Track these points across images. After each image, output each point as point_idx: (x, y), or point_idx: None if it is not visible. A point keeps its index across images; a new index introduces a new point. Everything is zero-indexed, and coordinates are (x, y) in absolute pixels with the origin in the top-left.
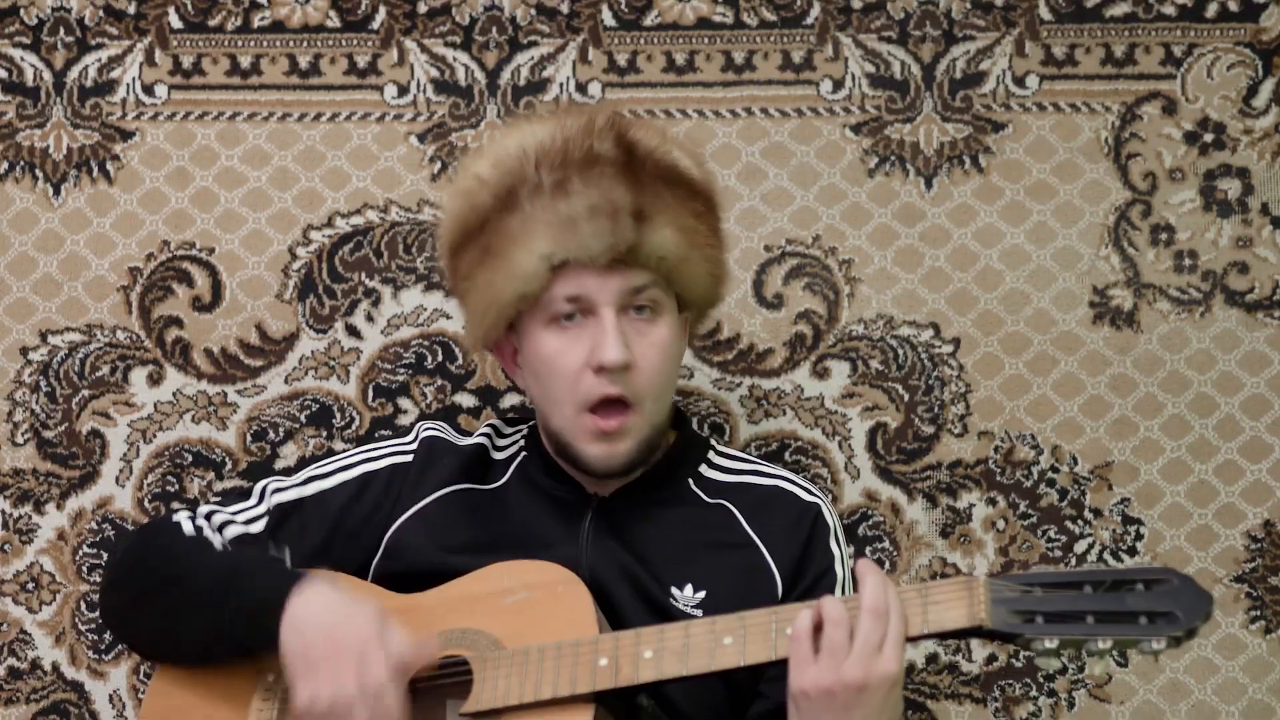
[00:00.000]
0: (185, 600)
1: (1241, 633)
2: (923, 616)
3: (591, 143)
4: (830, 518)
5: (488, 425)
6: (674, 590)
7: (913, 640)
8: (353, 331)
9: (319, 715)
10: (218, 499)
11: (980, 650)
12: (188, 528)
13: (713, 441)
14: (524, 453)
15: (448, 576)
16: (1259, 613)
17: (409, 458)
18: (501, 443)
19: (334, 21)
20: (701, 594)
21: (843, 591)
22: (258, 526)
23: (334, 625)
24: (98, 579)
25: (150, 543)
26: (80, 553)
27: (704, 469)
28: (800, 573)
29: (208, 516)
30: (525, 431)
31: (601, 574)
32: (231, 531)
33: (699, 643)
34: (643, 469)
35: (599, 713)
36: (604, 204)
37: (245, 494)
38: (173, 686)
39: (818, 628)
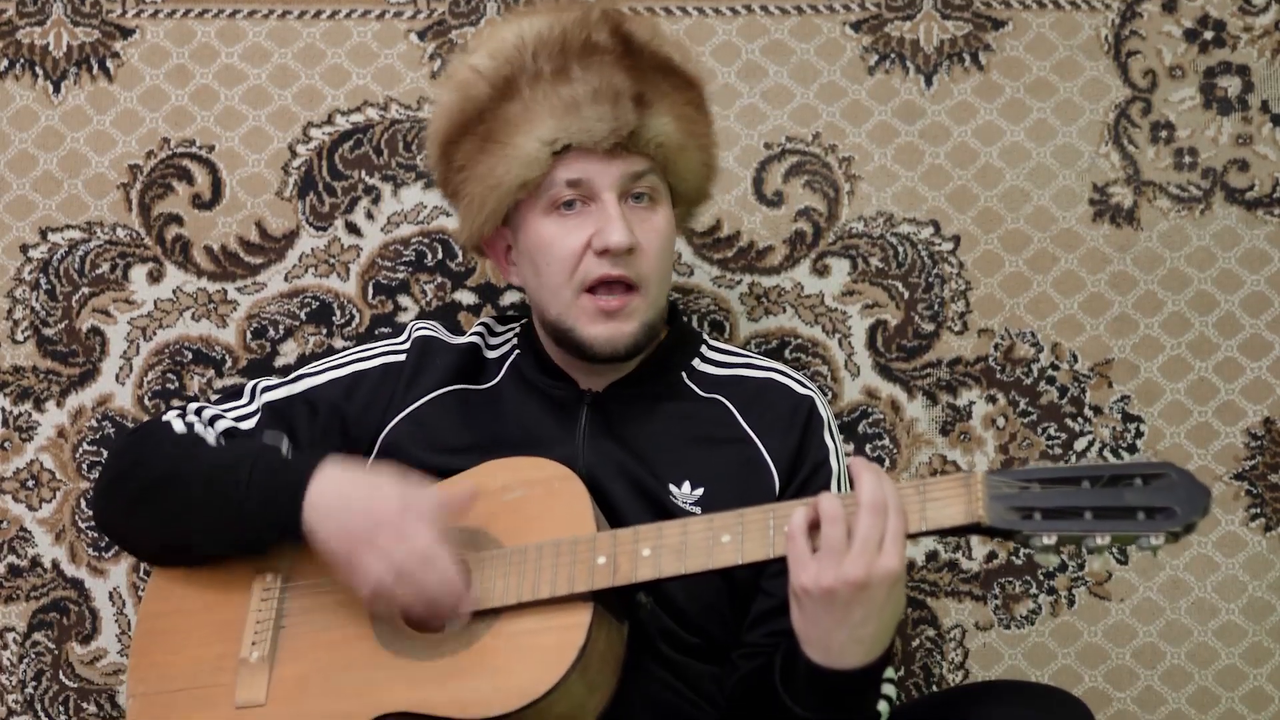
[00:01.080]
0: (185, 500)
1: (1241, 530)
2: (920, 514)
3: (589, 33)
4: (824, 411)
5: (480, 324)
6: (672, 487)
7: (911, 537)
8: (353, 229)
9: (392, 595)
10: (216, 395)
11: (980, 548)
12: (178, 426)
13: (705, 336)
14: (517, 350)
15: (442, 477)
16: (1259, 510)
17: (401, 357)
18: (494, 341)
19: None
20: (700, 491)
21: (838, 485)
22: (248, 424)
23: (368, 502)
24: (98, 476)
25: (141, 445)
26: (80, 450)
27: (697, 363)
28: (796, 467)
29: (197, 412)
30: (518, 329)
31: (599, 472)
32: (222, 425)
33: (697, 540)
34: (637, 362)
35: (597, 611)
36: (605, 88)
37: (237, 393)
38: (172, 586)
39: (814, 525)
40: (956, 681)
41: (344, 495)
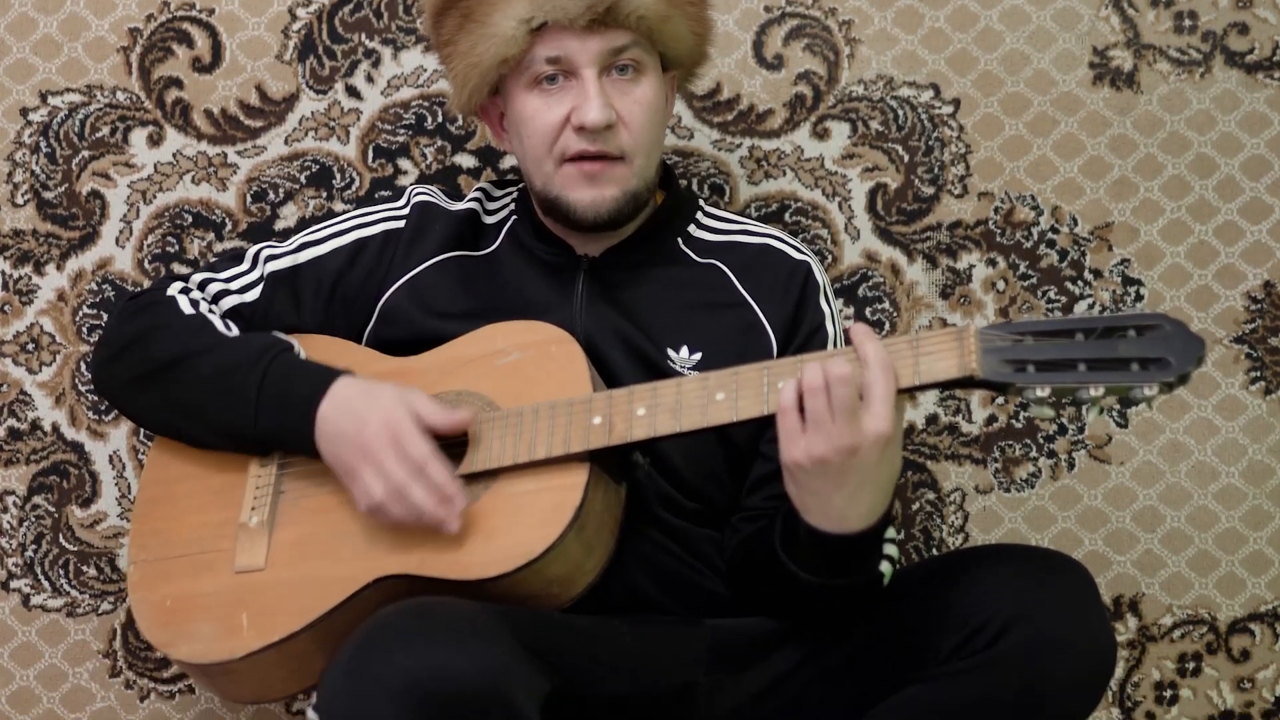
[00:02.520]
0: (191, 396)
1: (1241, 393)
2: (914, 368)
3: None
4: (819, 276)
5: (478, 189)
6: (670, 352)
7: (905, 392)
8: (353, 92)
9: (384, 513)
10: (215, 257)
11: (980, 411)
12: (184, 305)
13: (701, 201)
14: (514, 216)
15: (441, 342)
16: (1259, 374)
17: (401, 224)
18: (492, 206)
19: None
20: (698, 355)
21: (834, 349)
22: (252, 295)
23: (360, 427)
24: (98, 344)
25: (145, 321)
26: (80, 313)
27: (693, 229)
28: (793, 331)
29: (202, 286)
30: (515, 194)
31: (596, 337)
32: (228, 303)
33: (691, 399)
34: (633, 228)
35: (594, 472)
36: None
37: (238, 257)
38: (172, 455)
39: (801, 397)
40: (956, 545)
41: (349, 415)
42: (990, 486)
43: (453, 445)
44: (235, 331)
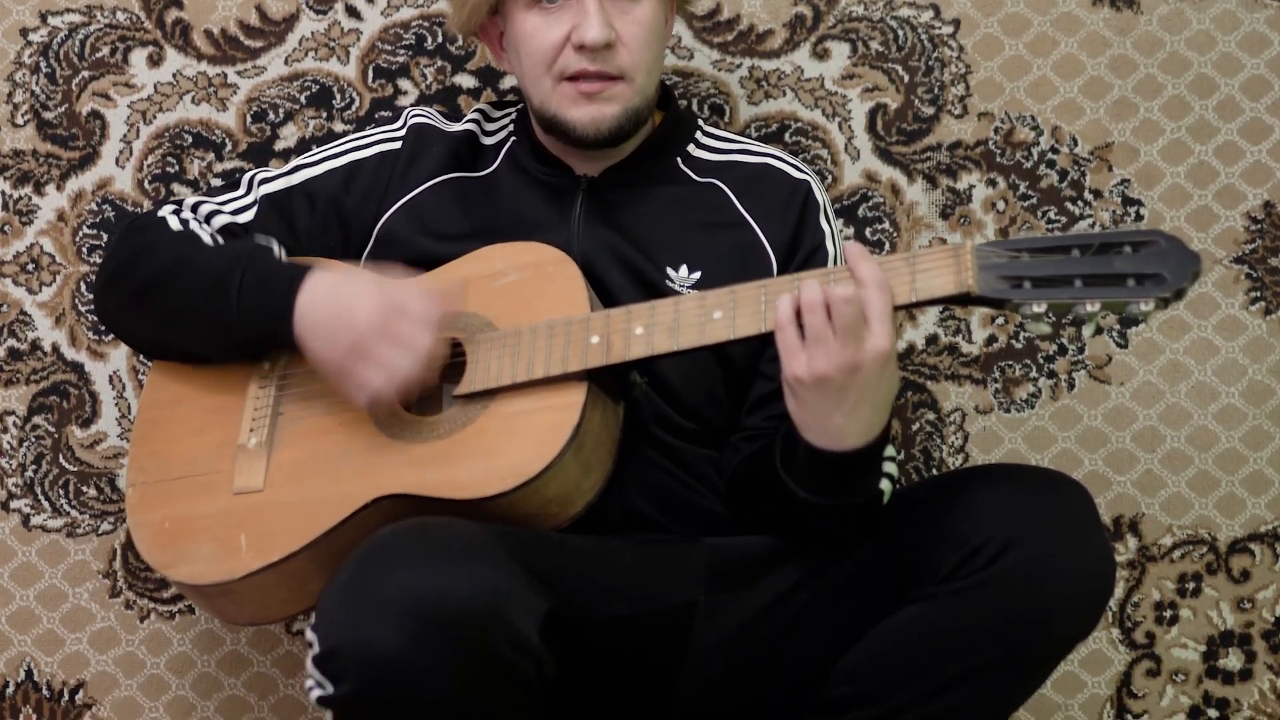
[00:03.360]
0: (177, 305)
1: (1241, 314)
2: (910, 285)
3: None
4: (819, 195)
5: (476, 110)
6: (669, 271)
7: (902, 309)
8: (352, 12)
9: (385, 399)
10: (217, 180)
11: (980, 331)
12: (174, 223)
13: (701, 121)
14: (513, 138)
15: (439, 264)
16: (1259, 294)
17: (398, 145)
18: (490, 127)
19: None
20: (697, 274)
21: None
22: (245, 217)
23: (348, 320)
24: (98, 260)
25: (135, 241)
26: (80, 234)
27: (692, 148)
28: (793, 251)
29: (194, 208)
30: (514, 115)
31: (595, 258)
32: (219, 221)
33: (689, 317)
34: (632, 147)
35: (592, 391)
36: None
37: (234, 184)
38: (171, 377)
39: (800, 313)
40: (956, 465)
41: (331, 306)
42: (990, 407)
43: (450, 365)
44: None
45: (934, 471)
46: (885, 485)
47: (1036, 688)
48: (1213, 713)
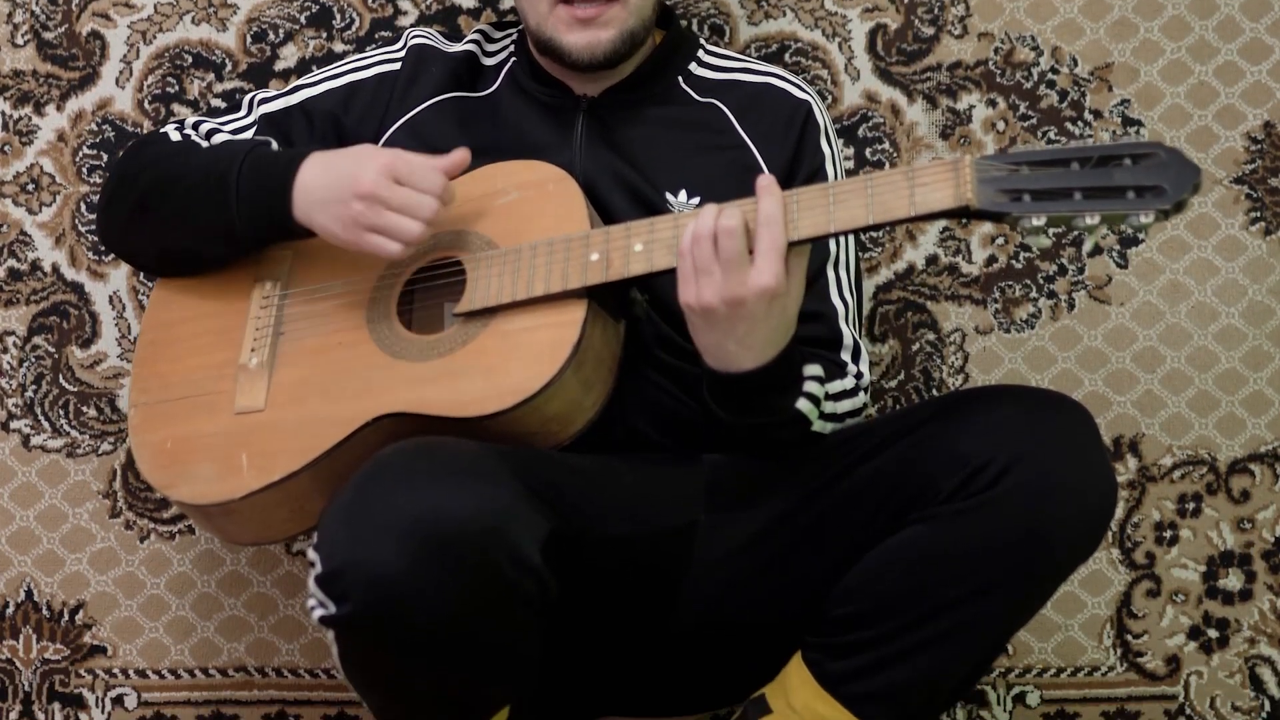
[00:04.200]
0: (178, 204)
1: (1241, 234)
2: (909, 199)
3: None
4: (821, 116)
5: (476, 30)
6: (669, 196)
7: (900, 223)
8: None
9: (408, 239)
10: (217, 101)
11: (980, 251)
12: (174, 136)
13: (702, 40)
14: (514, 58)
15: None
16: (1259, 214)
17: (397, 66)
18: (491, 48)
19: None
20: (696, 199)
21: None
22: (244, 135)
23: (355, 179)
24: (98, 180)
25: (136, 157)
26: (80, 154)
27: (694, 67)
28: (792, 173)
29: (195, 126)
30: (514, 36)
31: (596, 179)
32: (219, 139)
33: None
34: (631, 68)
35: (592, 308)
36: None
37: (234, 106)
38: (173, 297)
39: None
40: (956, 385)
41: (334, 174)
42: (990, 327)
43: (451, 283)
44: None
45: (934, 392)
46: (805, 405)
47: (1038, 609)
48: (1213, 633)
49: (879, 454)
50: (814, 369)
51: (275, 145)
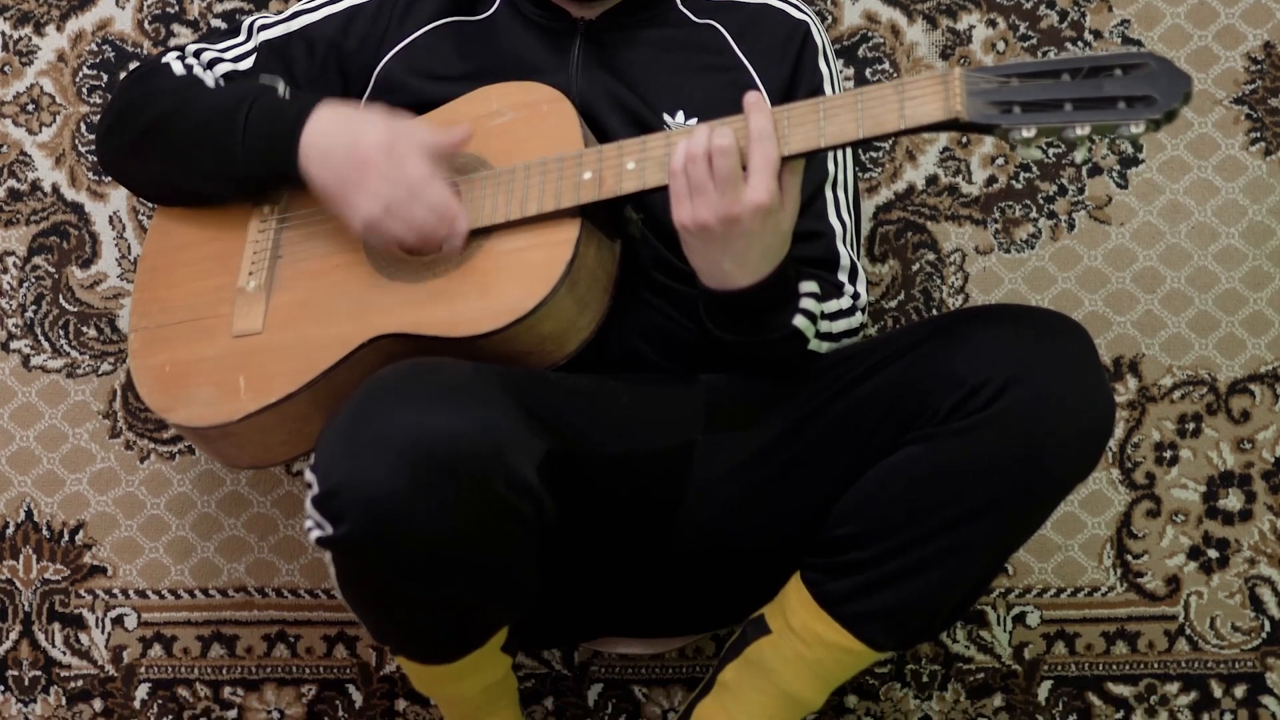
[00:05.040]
0: (183, 144)
1: (1242, 154)
2: (899, 112)
3: None
4: (819, 36)
5: None
6: (666, 118)
7: (891, 136)
8: None
9: (382, 229)
10: (218, 22)
11: (980, 171)
12: (177, 68)
13: None
14: None
15: (437, 107)
16: (1259, 134)
17: None
18: None
19: None
20: (693, 121)
21: None
22: (246, 64)
23: (353, 143)
24: (98, 101)
25: (139, 87)
26: (80, 74)
27: None
28: (791, 94)
29: (196, 54)
30: None
31: (592, 101)
32: (221, 69)
33: None
34: None
35: (586, 227)
36: None
37: (234, 30)
38: (173, 223)
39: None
40: (956, 305)
41: (335, 137)
42: (990, 247)
43: None
44: None
45: (934, 312)
46: (802, 321)
47: (1036, 529)
48: (1212, 553)
49: (877, 374)
50: (810, 286)
51: (281, 85)
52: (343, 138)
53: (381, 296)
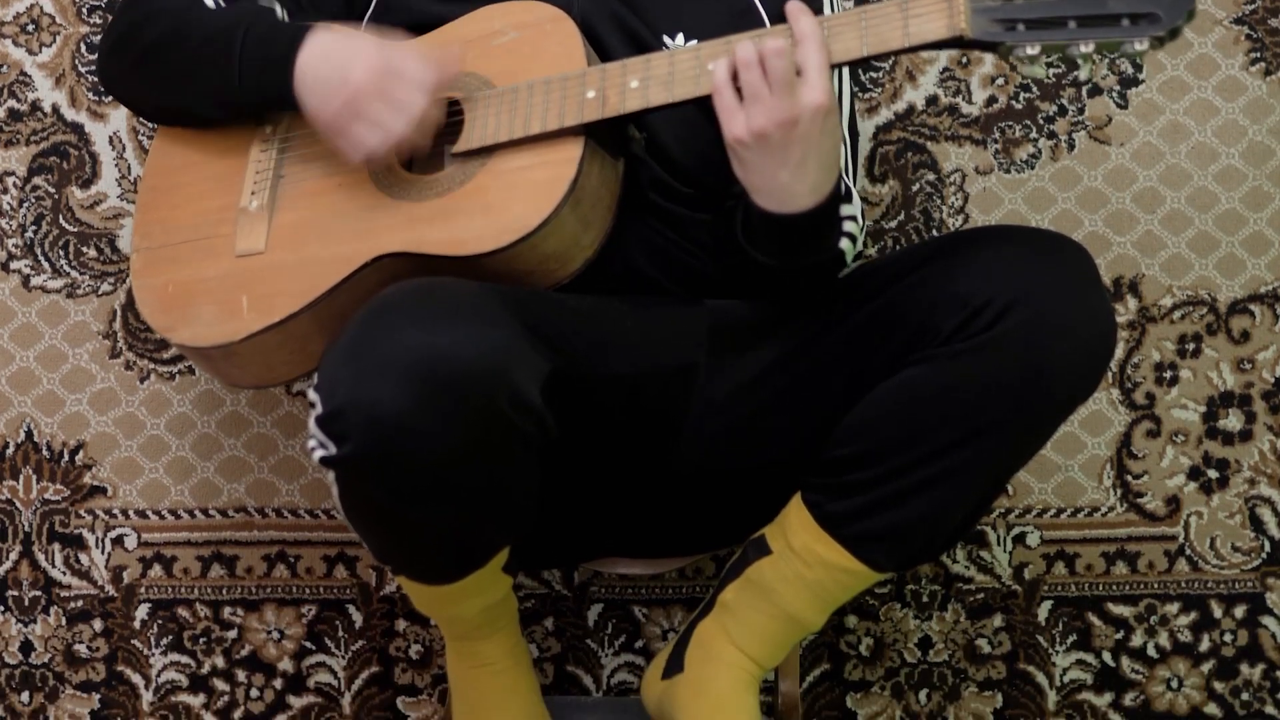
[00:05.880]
0: (180, 67)
1: (1242, 74)
2: (902, 30)
3: None
4: None
5: None
6: (666, 40)
7: (894, 54)
8: None
9: (379, 160)
10: None
11: (980, 91)
12: None
13: None
14: None
15: (439, 25)
16: (1259, 54)
17: None
18: None
19: None
20: (693, 43)
21: None
22: None
23: (344, 73)
24: (98, 21)
25: (141, 8)
26: None
27: None
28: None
29: None
30: None
31: (594, 21)
32: None
33: (684, 69)
34: None
35: (589, 145)
36: None
37: None
38: (174, 144)
39: (736, 75)
40: (956, 226)
41: (329, 63)
42: (990, 167)
43: (449, 123)
44: None
45: (934, 232)
46: (845, 244)
47: (1038, 449)
48: (1212, 473)
49: (879, 295)
50: (850, 209)
51: (279, 9)
52: (334, 68)
53: (384, 216)
